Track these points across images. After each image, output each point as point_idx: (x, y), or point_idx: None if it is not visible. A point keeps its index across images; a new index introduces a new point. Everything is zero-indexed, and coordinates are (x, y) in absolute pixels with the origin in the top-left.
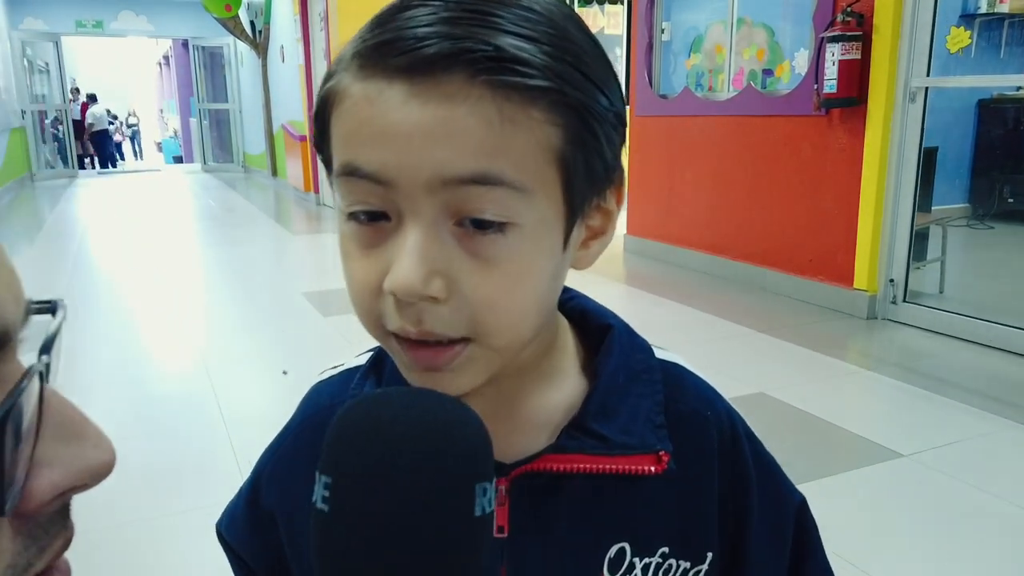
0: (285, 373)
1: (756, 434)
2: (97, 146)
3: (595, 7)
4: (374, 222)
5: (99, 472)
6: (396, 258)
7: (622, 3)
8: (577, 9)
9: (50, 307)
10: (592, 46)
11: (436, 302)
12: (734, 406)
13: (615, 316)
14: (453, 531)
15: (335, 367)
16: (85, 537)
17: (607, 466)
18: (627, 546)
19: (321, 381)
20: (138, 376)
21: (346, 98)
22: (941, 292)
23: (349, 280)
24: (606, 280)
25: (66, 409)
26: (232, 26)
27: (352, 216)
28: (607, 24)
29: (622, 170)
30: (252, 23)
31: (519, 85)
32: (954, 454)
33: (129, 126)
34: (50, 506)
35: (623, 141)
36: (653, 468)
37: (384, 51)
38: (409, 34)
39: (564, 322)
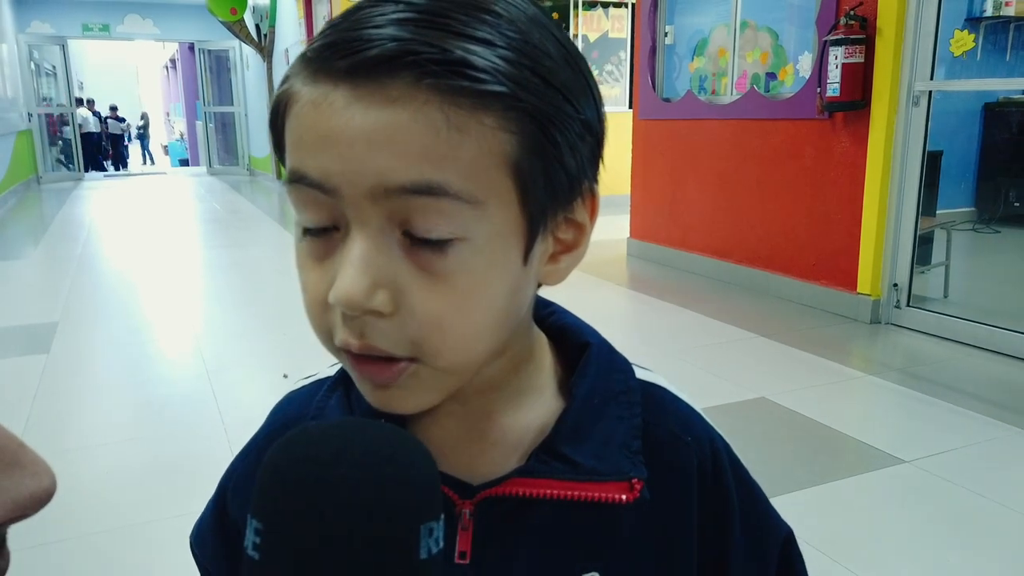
0: (285, 376)
1: (756, 442)
2: (86, 149)
3: (599, 10)
4: (325, 233)
5: (38, 500)
6: (340, 269)
7: (626, 6)
8: (582, 13)
9: None
10: (560, 51)
11: (380, 316)
12: (736, 411)
13: (595, 333)
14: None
15: (308, 376)
16: (85, 540)
17: (576, 493)
18: (598, 575)
19: (292, 391)
20: (139, 379)
21: (294, 102)
22: (946, 296)
23: (303, 292)
24: (609, 284)
25: (1, 438)
26: (237, 29)
27: (307, 228)
28: (611, 27)
29: (593, 181)
30: (257, 26)
31: (468, 90)
32: (957, 461)
33: (138, 128)
34: None
35: (595, 150)
36: (624, 496)
37: (330, 53)
38: (355, 36)
39: (542, 339)
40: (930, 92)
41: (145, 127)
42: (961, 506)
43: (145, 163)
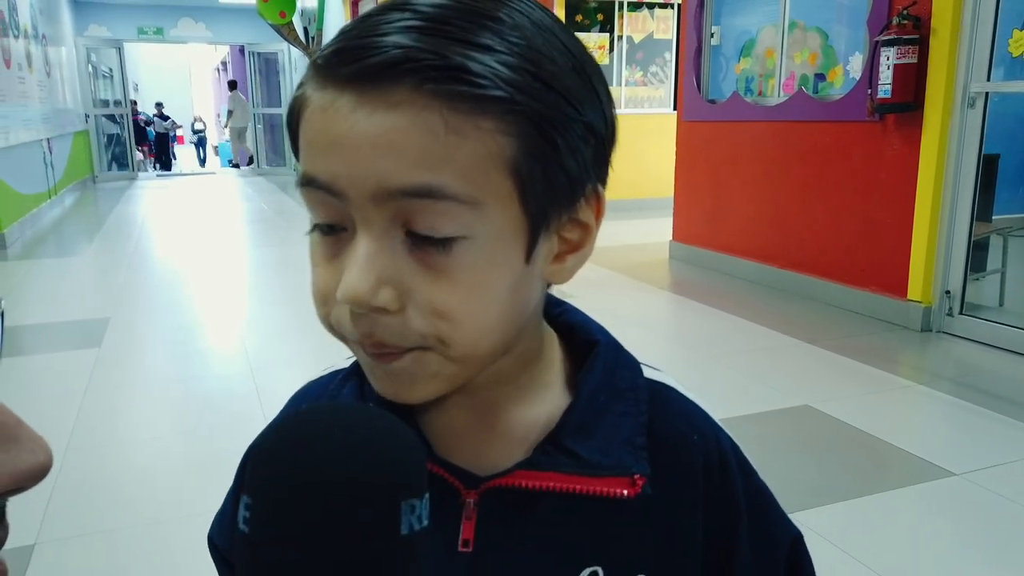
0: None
1: (798, 450)
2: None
3: (644, 11)
4: (335, 232)
5: (34, 475)
6: (346, 268)
7: (672, 7)
8: (627, 14)
9: None
10: (565, 56)
11: (387, 313)
12: (779, 419)
13: (603, 331)
14: (375, 551)
15: (326, 368)
16: (131, 531)
17: (578, 486)
18: (600, 570)
19: (309, 381)
20: (185, 374)
21: (307, 107)
22: (1001, 305)
23: (312, 289)
24: (651, 287)
25: None
26: (286, 32)
27: (316, 226)
28: (657, 28)
29: (597, 183)
30: (305, 29)
31: (466, 94)
32: (1009, 474)
33: (195, 131)
34: None
35: (600, 153)
36: (626, 491)
37: (337, 60)
38: (360, 43)
39: (553, 336)
40: (987, 94)
41: (203, 131)
42: (1013, 522)
43: (202, 166)
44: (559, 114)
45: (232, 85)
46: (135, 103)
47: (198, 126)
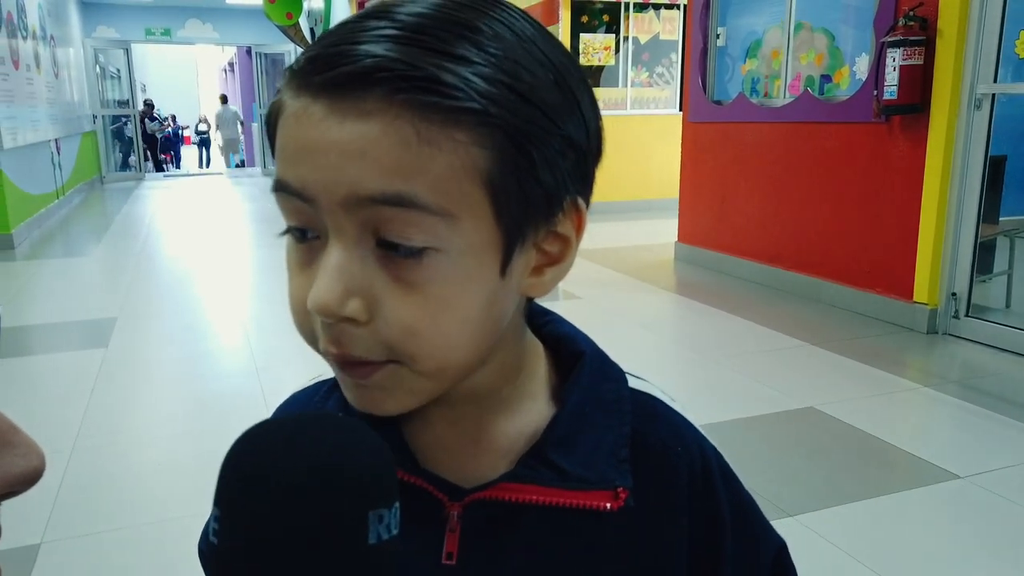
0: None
1: (803, 453)
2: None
3: (650, 12)
4: (308, 240)
5: (26, 479)
6: (316, 277)
7: (678, 8)
8: (633, 15)
9: None
10: (545, 68)
11: (356, 324)
12: (784, 421)
13: (589, 342)
14: (343, 560)
15: (314, 378)
16: (137, 530)
17: (562, 500)
18: None
19: (297, 391)
20: (191, 374)
21: (282, 113)
22: (1007, 307)
23: (289, 298)
24: (656, 288)
25: None
26: (293, 33)
27: (290, 233)
28: (662, 30)
29: (577, 196)
30: (312, 30)
31: (439, 105)
32: (1015, 477)
33: (198, 133)
34: None
35: (581, 166)
36: (609, 504)
37: (311, 67)
38: (335, 51)
39: (537, 347)
40: (993, 95)
41: (207, 132)
42: (1018, 524)
43: (201, 166)
44: (535, 127)
45: (223, 99)
46: (152, 106)
47: (201, 127)
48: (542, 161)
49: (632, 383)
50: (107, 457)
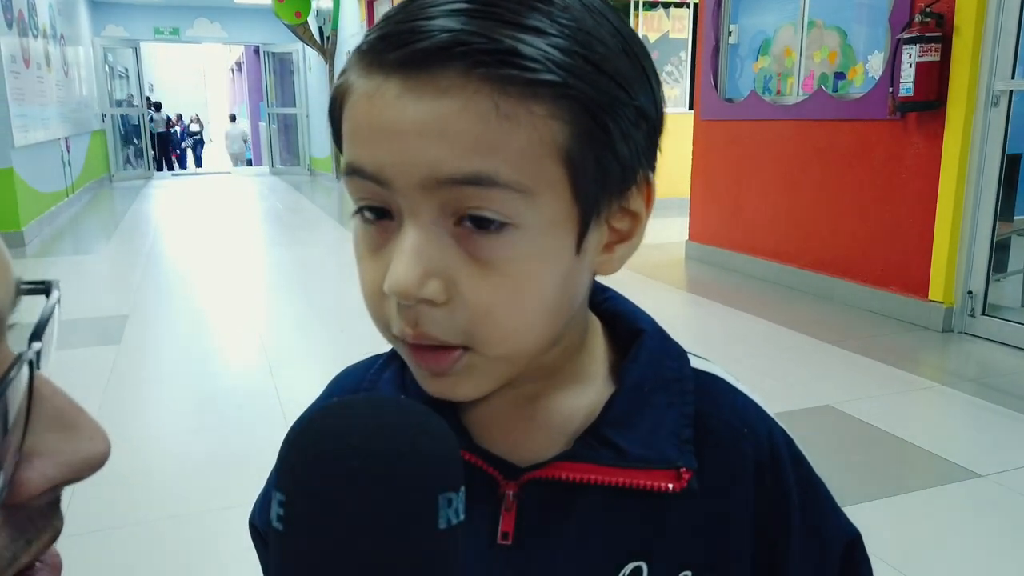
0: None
1: (820, 451)
2: None
3: (660, 10)
4: (380, 221)
5: (93, 464)
6: (394, 259)
7: (688, 6)
8: (643, 13)
9: (43, 288)
10: (615, 38)
11: (433, 305)
12: (801, 419)
13: (649, 319)
14: (413, 545)
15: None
16: (149, 526)
17: (620, 479)
18: (644, 566)
19: (348, 367)
20: (204, 371)
21: (351, 94)
22: (1023, 305)
23: (361, 283)
24: (667, 287)
25: (58, 399)
26: (301, 32)
27: (361, 215)
28: (672, 28)
29: (648, 169)
30: (320, 29)
31: (517, 79)
32: None
33: (191, 134)
34: (40, 499)
35: (651, 139)
36: (671, 485)
37: (382, 45)
38: (407, 27)
39: (596, 324)
40: (1011, 92)
41: (199, 133)
42: None
43: (199, 166)
44: (611, 98)
45: (232, 118)
46: (158, 107)
47: (194, 128)
48: (618, 133)
49: (694, 363)
50: (121, 454)
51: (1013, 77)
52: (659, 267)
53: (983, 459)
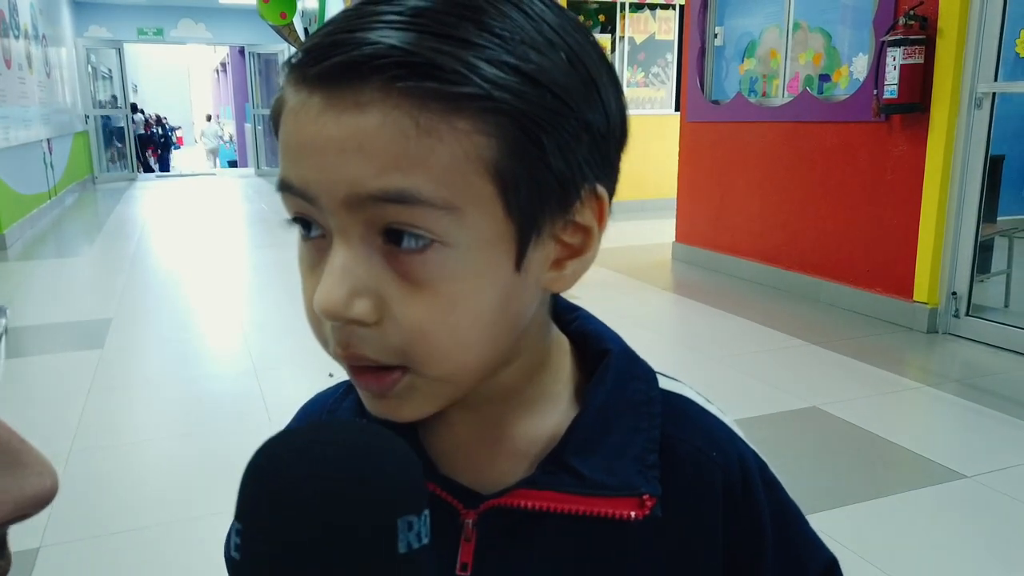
0: (331, 375)
1: (806, 453)
2: None
3: (646, 12)
4: (315, 239)
5: (39, 501)
6: (323, 278)
7: (674, 8)
8: (629, 15)
9: None
10: (558, 48)
11: (364, 325)
12: (786, 421)
13: (617, 339)
14: (374, 570)
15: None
16: (136, 534)
17: (581, 508)
18: None
19: (320, 391)
20: (189, 375)
21: (283, 109)
22: (1006, 306)
23: (304, 305)
24: (654, 288)
25: (3, 434)
26: (286, 33)
27: (300, 232)
28: (658, 29)
29: (596, 183)
30: (306, 30)
31: (439, 92)
32: (1020, 476)
33: (155, 135)
34: None
35: (601, 151)
36: (634, 513)
37: (307, 60)
38: (330, 41)
39: (564, 344)
40: (994, 94)
41: (165, 133)
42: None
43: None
44: (545, 111)
45: (208, 118)
46: (140, 110)
47: (158, 131)
48: (553, 147)
49: (663, 383)
50: (105, 459)
51: (996, 79)
52: (645, 268)
53: (968, 460)
